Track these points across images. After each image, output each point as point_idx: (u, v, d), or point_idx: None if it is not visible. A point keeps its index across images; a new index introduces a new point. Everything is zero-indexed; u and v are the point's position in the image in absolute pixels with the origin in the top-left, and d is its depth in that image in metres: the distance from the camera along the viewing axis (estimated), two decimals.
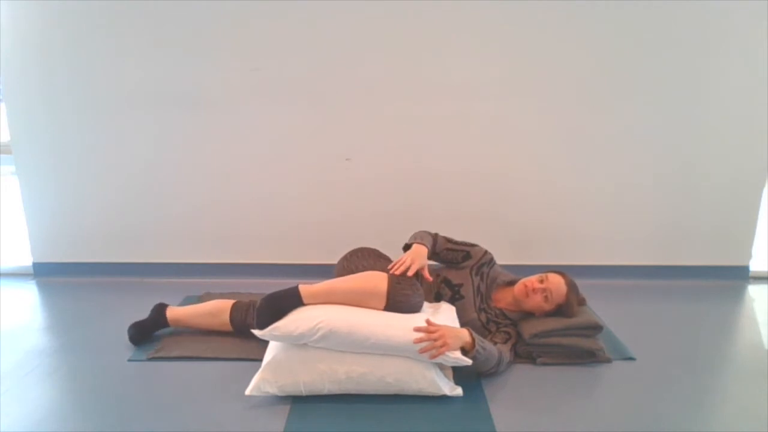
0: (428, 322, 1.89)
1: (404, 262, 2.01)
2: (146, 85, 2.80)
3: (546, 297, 2.15)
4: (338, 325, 1.82)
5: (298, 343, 1.86)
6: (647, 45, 2.75)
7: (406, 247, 2.15)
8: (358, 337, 1.82)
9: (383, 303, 1.93)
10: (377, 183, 2.93)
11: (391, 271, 1.99)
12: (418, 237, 2.19)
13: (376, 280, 1.95)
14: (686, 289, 2.92)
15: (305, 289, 1.95)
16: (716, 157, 2.90)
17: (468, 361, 1.86)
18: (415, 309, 1.98)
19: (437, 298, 2.25)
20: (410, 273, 1.98)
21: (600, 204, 2.97)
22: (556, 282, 2.17)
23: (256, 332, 1.89)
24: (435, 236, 2.27)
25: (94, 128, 2.85)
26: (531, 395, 1.94)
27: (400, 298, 1.94)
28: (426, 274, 2.06)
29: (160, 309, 2.35)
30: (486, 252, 2.31)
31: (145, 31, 2.73)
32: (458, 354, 1.85)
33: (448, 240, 2.29)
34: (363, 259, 2.21)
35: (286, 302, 1.92)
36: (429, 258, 2.18)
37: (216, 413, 1.81)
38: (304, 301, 1.94)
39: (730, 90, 2.81)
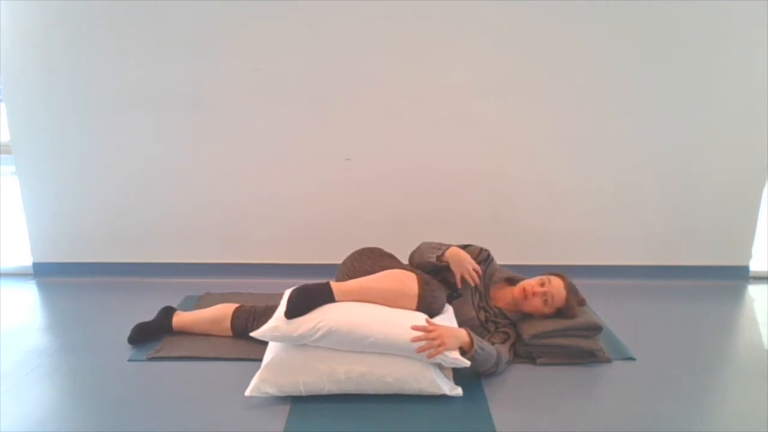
0: (427, 321, 1.89)
1: (468, 275, 2.09)
2: (146, 85, 2.80)
3: (546, 301, 2.15)
4: (338, 324, 1.82)
5: (298, 343, 1.86)
6: (647, 45, 2.74)
7: (438, 258, 2.13)
8: (357, 336, 1.82)
9: (415, 303, 1.95)
10: (377, 183, 2.93)
11: (473, 283, 2.11)
12: (433, 244, 2.22)
13: (408, 282, 1.97)
14: (686, 289, 2.92)
15: (337, 286, 1.95)
16: (716, 157, 2.90)
17: (466, 363, 1.86)
18: (441, 310, 2.04)
19: None
20: (476, 269, 2.10)
21: (600, 204, 2.97)
22: (557, 286, 2.17)
23: (254, 334, 1.89)
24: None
25: (94, 128, 2.85)
26: (531, 395, 1.94)
27: (430, 299, 1.98)
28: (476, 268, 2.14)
29: (167, 313, 2.35)
30: (482, 249, 2.31)
31: (145, 31, 2.73)
32: (456, 354, 1.85)
33: None
34: (373, 259, 2.18)
35: (317, 296, 1.92)
36: (428, 272, 2.17)
37: (216, 413, 1.81)
38: (336, 298, 1.94)
39: (730, 90, 2.81)
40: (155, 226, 2.99)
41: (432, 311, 1.99)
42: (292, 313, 1.86)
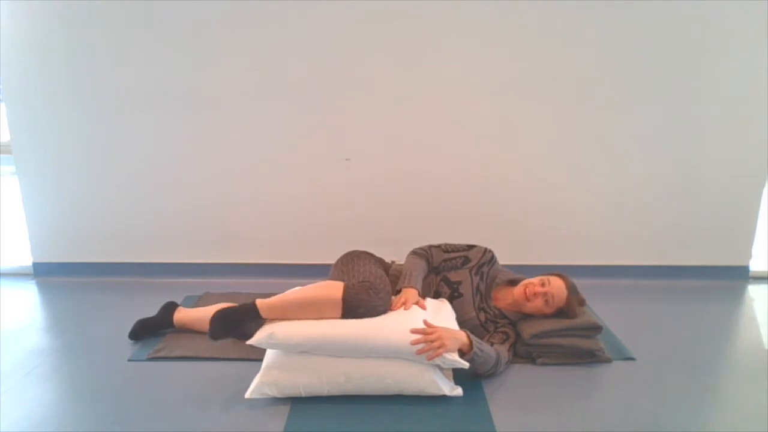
0: (426, 323, 1.88)
1: (397, 305, 1.99)
2: (146, 85, 2.80)
3: (547, 301, 2.15)
4: (335, 332, 1.82)
5: (294, 351, 1.86)
6: (647, 45, 2.74)
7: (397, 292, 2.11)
8: (355, 344, 1.82)
9: (339, 310, 1.88)
10: (377, 183, 2.93)
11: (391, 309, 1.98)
12: (408, 273, 2.14)
13: (332, 289, 1.91)
14: (686, 289, 2.92)
15: (262, 302, 1.91)
16: (716, 157, 2.90)
17: (465, 364, 1.86)
18: (376, 312, 1.91)
19: (436, 297, 2.25)
20: (406, 308, 1.97)
21: (600, 204, 2.97)
22: (557, 286, 2.16)
23: (250, 342, 1.86)
24: (428, 254, 2.25)
25: (94, 128, 2.86)
26: (531, 395, 1.94)
27: (357, 303, 1.88)
28: (422, 304, 2.03)
29: (169, 309, 2.36)
30: (485, 251, 2.31)
31: (146, 32, 2.73)
32: (455, 356, 1.85)
33: (445, 250, 2.27)
34: (348, 264, 2.15)
35: (242, 315, 1.90)
36: (429, 274, 2.24)
37: (216, 413, 1.81)
38: (262, 314, 1.90)
39: (730, 90, 2.81)
40: (155, 226, 2.99)
41: (358, 316, 1.89)
42: (215, 335, 1.88)
